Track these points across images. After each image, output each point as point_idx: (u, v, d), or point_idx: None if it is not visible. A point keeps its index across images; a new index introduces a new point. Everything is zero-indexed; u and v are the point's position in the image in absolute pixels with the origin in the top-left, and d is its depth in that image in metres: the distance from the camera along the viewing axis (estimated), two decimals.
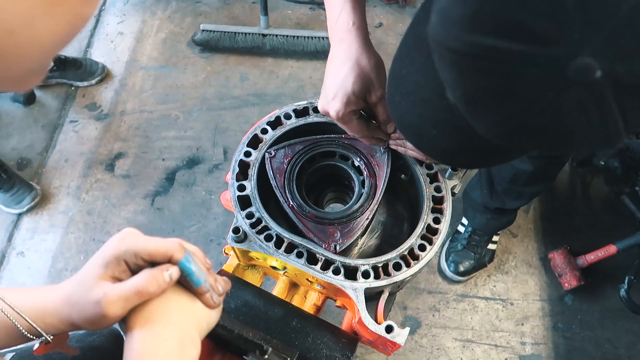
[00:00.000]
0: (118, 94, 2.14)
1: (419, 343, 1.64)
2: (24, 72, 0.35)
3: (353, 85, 0.76)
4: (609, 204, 1.90)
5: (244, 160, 0.91)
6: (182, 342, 0.56)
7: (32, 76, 0.37)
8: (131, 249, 0.57)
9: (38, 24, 0.31)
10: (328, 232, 0.84)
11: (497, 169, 1.50)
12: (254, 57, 2.25)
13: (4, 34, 0.30)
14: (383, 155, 0.91)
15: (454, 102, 0.51)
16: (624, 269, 1.61)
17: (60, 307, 0.57)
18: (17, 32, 0.30)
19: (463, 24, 0.44)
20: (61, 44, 0.34)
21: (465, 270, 1.70)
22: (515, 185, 1.47)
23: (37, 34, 0.31)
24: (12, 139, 2.00)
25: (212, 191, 1.90)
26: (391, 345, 0.78)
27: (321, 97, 0.82)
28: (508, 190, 1.51)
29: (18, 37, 0.30)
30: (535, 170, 1.38)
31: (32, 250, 1.77)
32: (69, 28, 0.33)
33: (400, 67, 0.63)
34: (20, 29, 0.30)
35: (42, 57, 0.35)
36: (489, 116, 0.50)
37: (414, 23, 0.62)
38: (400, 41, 0.64)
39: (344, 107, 0.78)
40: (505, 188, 1.51)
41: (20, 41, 0.31)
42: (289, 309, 0.88)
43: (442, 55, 0.48)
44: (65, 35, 0.34)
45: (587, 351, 1.65)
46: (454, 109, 0.52)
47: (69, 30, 0.34)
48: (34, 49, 0.32)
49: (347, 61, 0.77)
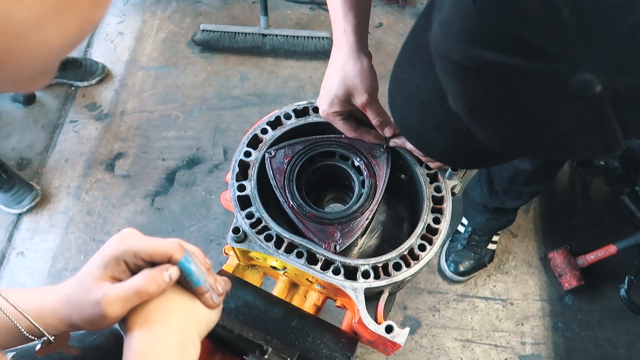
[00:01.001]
0: (118, 94, 2.14)
1: (419, 343, 1.64)
2: (32, 74, 0.35)
3: (336, 89, 0.83)
4: (609, 204, 1.90)
5: (244, 160, 0.91)
6: (182, 342, 0.56)
7: (40, 78, 0.37)
8: (130, 249, 0.56)
9: (47, 28, 0.31)
10: (328, 232, 0.84)
11: (496, 169, 1.50)
12: (254, 57, 2.25)
13: (14, 38, 0.30)
14: (383, 155, 0.91)
15: (456, 110, 0.52)
16: (624, 269, 1.61)
17: (60, 308, 0.57)
18: (26, 35, 0.30)
19: (464, 37, 0.44)
20: (70, 47, 0.35)
21: (465, 270, 1.70)
22: (515, 185, 1.48)
23: (46, 38, 0.32)
24: (12, 139, 2.00)
25: (212, 191, 1.90)
26: (391, 345, 0.78)
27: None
28: (508, 189, 1.51)
29: (27, 40, 0.31)
30: (535, 169, 1.38)
31: (32, 250, 1.77)
32: (78, 32, 0.34)
33: (402, 71, 0.65)
34: (29, 33, 0.30)
35: (51, 60, 0.35)
36: (489, 125, 0.51)
37: (414, 29, 0.62)
38: (402, 46, 0.65)
39: (328, 107, 0.85)
40: (504, 188, 1.51)
41: (29, 44, 0.31)
42: (289, 309, 0.88)
43: (444, 66, 0.48)
44: (74, 38, 0.34)
45: (587, 351, 1.65)
46: (454, 113, 0.53)
47: (78, 34, 0.34)
48: (43, 52, 0.33)
49: (336, 66, 0.83)
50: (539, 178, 1.46)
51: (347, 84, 0.82)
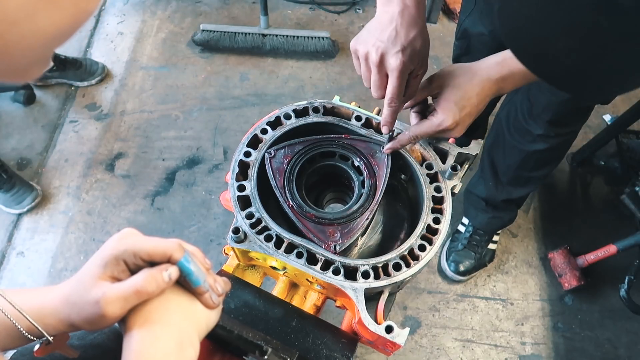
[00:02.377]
0: (118, 94, 2.14)
1: (419, 343, 1.64)
2: (26, 63, 0.36)
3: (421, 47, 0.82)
4: (609, 204, 1.90)
5: (244, 161, 0.91)
6: (181, 342, 0.56)
7: (34, 67, 0.38)
8: (130, 249, 0.56)
9: (41, 16, 0.31)
10: (328, 232, 0.84)
11: (501, 158, 1.50)
12: (254, 57, 2.25)
13: (8, 26, 0.30)
14: (383, 155, 0.91)
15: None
16: (624, 269, 1.60)
17: (60, 307, 0.57)
18: (20, 23, 0.31)
19: None
20: (64, 37, 0.35)
21: (465, 269, 1.70)
22: (524, 171, 1.46)
23: (40, 26, 0.32)
24: (12, 139, 2.00)
25: (212, 191, 1.90)
26: (391, 345, 0.78)
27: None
28: (515, 178, 1.51)
29: (21, 28, 0.31)
30: (547, 148, 1.36)
31: (32, 250, 1.77)
32: (72, 21, 0.34)
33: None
34: (23, 21, 0.31)
35: (45, 49, 0.35)
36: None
37: None
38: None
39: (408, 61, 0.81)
40: (511, 177, 1.50)
41: (23, 33, 0.31)
42: (289, 309, 0.88)
43: None
44: (68, 28, 0.34)
45: (587, 351, 1.65)
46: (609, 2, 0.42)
47: (71, 23, 0.34)
48: (37, 41, 0.33)
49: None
50: (550, 158, 1.44)
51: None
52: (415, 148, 0.95)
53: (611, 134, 1.86)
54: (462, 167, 0.93)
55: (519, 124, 1.35)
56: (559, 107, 1.23)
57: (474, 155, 0.94)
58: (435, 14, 2.35)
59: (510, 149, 1.43)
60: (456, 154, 0.93)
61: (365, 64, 0.84)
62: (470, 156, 0.94)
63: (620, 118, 1.86)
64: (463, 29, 1.37)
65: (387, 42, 0.80)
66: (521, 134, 1.37)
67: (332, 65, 2.24)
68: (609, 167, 1.93)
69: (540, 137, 1.33)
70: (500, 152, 1.49)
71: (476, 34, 0.85)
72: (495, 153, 1.52)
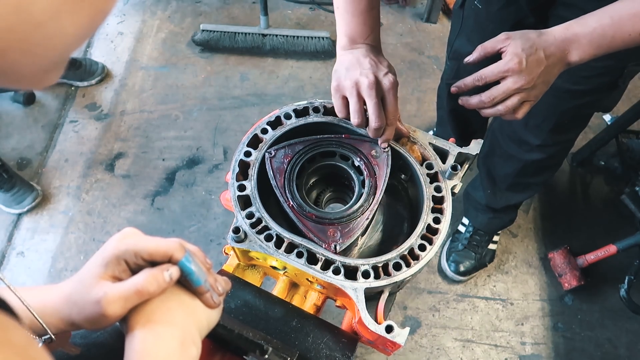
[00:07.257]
0: (118, 94, 2.14)
1: (419, 343, 1.64)
2: (47, 66, 0.36)
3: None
4: (609, 204, 1.90)
5: (244, 160, 0.91)
6: (184, 341, 0.56)
7: (53, 72, 0.38)
8: (131, 249, 0.56)
9: (64, 18, 0.32)
10: (328, 232, 0.84)
11: (498, 168, 1.49)
12: (254, 57, 2.25)
13: (34, 27, 0.31)
14: (383, 155, 0.91)
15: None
16: (624, 269, 1.61)
17: (60, 307, 0.57)
18: (45, 25, 0.31)
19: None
20: (83, 38, 0.36)
21: (465, 270, 1.70)
22: (523, 178, 1.46)
23: (63, 28, 0.33)
24: (12, 139, 2.00)
25: (212, 191, 1.90)
26: (391, 345, 0.78)
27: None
28: (513, 185, 1.50)
29: (46, 30, 0.32)
30: (545, 157, 1.36)
31: (32, 250, 1.77)
32: (91, 22, 0.35)
33: None
34: (48, 22, 0.31)
35: (66, 51, 0.36)
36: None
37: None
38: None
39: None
40: (510, 184, 1.50)
41: (47, 34, 0.32)
42: (289, 309, 0.88)
43: None
44: (87, 28, 0.35)
45: (587, 351, 1.65)
46: None
47: (91, 25, 0.35)
48: (59, 42, 0.34)
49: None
50: (548, 166, 1.44)
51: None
52: (415, 148, 0.95)
53: (611, 134, 1.86)
54: (462, 167, 0.93)
55: (515, 135, 1.35)
56: (561, 116, 1.23)
57: (474, 155, 0.94)
58: (435, 14, 2.35)
59: (507, 158, 1.42)
60: (456, 154, 0.93)
61: (357, 94, 0.85)
62: (470, 156, 0.94)
63: (620, 118, 1.87)
64: (454, 50, 1.36)
65: (372, 68, 0.86)
66: (518, 144, 1.36)
67: (332, 65, 2.24)
68: (609, 167, 1.93)
69: (539, 147, 1.33)
70: (496, 161, 1.48)
71: (467, 55, 0.86)
72: (491, 163, 1.51)
